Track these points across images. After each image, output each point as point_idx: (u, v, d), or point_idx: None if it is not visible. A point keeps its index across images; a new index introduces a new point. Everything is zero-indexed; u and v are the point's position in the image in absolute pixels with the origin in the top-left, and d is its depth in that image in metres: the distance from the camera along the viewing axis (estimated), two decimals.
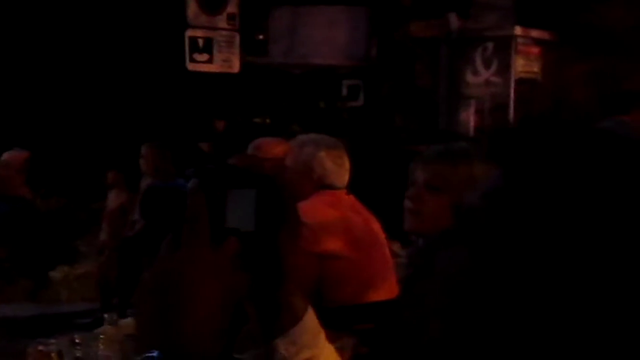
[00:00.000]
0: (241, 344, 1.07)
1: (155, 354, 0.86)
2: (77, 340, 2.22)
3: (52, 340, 2.28)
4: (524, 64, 8.08)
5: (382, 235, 3.44)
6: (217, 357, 0.89)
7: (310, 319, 1.05)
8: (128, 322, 2.55)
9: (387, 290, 3.21)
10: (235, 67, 8.26)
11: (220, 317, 0.89)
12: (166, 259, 0.91)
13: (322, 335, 1.08)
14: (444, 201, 2.24)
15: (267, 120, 8.63)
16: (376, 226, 3.45)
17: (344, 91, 9.26)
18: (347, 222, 3.29)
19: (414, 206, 2.32)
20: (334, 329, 3.04)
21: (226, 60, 8.17)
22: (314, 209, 3.24)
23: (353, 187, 3.59)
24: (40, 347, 2.30)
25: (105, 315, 2.37)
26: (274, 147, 4.48)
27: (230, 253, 0.93)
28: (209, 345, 0.88)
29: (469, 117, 8.24)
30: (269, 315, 1.02)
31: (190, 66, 8.10)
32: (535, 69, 8.22)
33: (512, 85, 7.98)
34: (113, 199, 6.61)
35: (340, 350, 2.53)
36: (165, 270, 0.90)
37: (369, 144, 8.73)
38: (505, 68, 7.99)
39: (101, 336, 2.28)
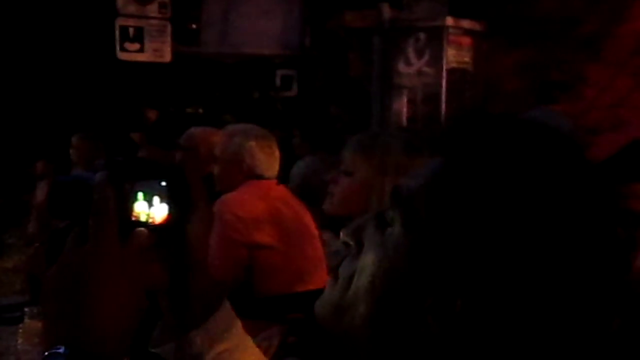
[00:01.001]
0: (157, 337, 1.05)
1: (61, 349, 0.84)
2: None
3: None
4: (456, 54, 8.14)
5: (312, 226, 3.45)
6: (127, 352, 0.88)
7: (226, 310, 1.04)
8: None
9: (317, 280, 3.22)
10: (167, 57, 8.18)
11: (128, 312, 0.88)
12: (72, 253, 0.89)
13: (239, 327, 1.06)
14: (354, 186, 2.35)
15: (200, 110, 8.56)
16: (307, 217, 3.46)
17: (278, 81, 9.23)
18: (277, 213, 3.29)
19: (330, 189, 2.43)
20: (264, 318, 3.03)
21: (157, 50, 8.09)
22: (243, 201, 3.24)
23: (287, 177, 3.59)
24: None
25: (26, 309, 2.32)
26: (207, 137, 4.45)
27: (141, 246, 0.91)
28: (116, 340, 0.86)
29: (402, 107, 8.28)
30: (183, 308, 1.00)
31: (121, 55, 7.99)
32: (467, 59, 8.29)
33: (444, 75, 8.03)
34: (42, 190, 6.48)
35: (267, 340, 2.53)
36: (72, 265, 0.88)
37: (303, 134, 8.72)
38: (437, 58, 8.03)
39: (20, 330, 2.24)
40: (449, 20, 7.99)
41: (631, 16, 8.03)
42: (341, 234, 0.97)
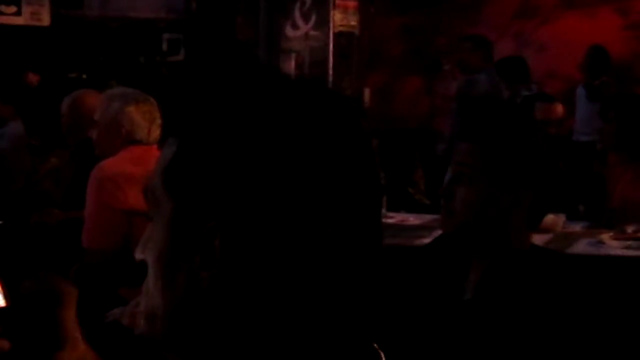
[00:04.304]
0: None
1: None
2: None
3: None
4: (342, 18, 8.18)
5: None
6: None
7: None
8: None
9: None
10: (46, 20, 7.96)
11: None
12: None
13: None
14: None
15: (84, 76, 8.38)
16: None
17: (164, 45, 9.10)
18: None
19: None
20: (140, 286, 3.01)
21: (35, 13, 7.86)
22: (116, 165, 3.21)
23: None
24: None
25: None
26: (88, 98, 4.37)
27: None
28: None
29: (290, 71, 8.29)
30: None
31: None
32: (353, 23, 8.35)
33: (331, 39, 8.07)
34: None
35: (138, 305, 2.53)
36: None
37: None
38: (323, 22, 8.06)
39: None
40: None
41: None
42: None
